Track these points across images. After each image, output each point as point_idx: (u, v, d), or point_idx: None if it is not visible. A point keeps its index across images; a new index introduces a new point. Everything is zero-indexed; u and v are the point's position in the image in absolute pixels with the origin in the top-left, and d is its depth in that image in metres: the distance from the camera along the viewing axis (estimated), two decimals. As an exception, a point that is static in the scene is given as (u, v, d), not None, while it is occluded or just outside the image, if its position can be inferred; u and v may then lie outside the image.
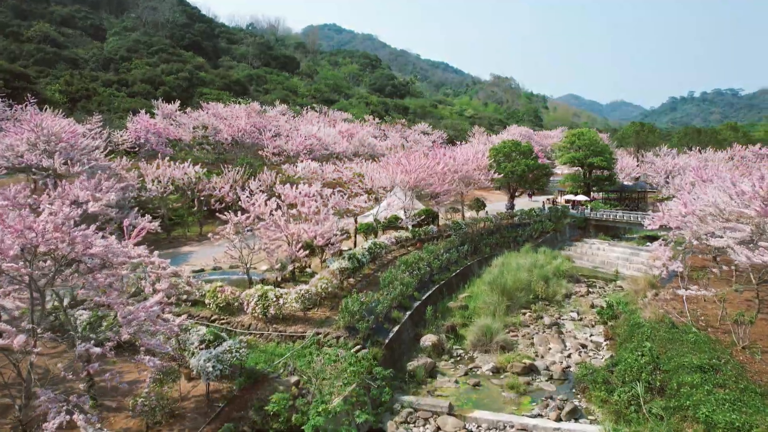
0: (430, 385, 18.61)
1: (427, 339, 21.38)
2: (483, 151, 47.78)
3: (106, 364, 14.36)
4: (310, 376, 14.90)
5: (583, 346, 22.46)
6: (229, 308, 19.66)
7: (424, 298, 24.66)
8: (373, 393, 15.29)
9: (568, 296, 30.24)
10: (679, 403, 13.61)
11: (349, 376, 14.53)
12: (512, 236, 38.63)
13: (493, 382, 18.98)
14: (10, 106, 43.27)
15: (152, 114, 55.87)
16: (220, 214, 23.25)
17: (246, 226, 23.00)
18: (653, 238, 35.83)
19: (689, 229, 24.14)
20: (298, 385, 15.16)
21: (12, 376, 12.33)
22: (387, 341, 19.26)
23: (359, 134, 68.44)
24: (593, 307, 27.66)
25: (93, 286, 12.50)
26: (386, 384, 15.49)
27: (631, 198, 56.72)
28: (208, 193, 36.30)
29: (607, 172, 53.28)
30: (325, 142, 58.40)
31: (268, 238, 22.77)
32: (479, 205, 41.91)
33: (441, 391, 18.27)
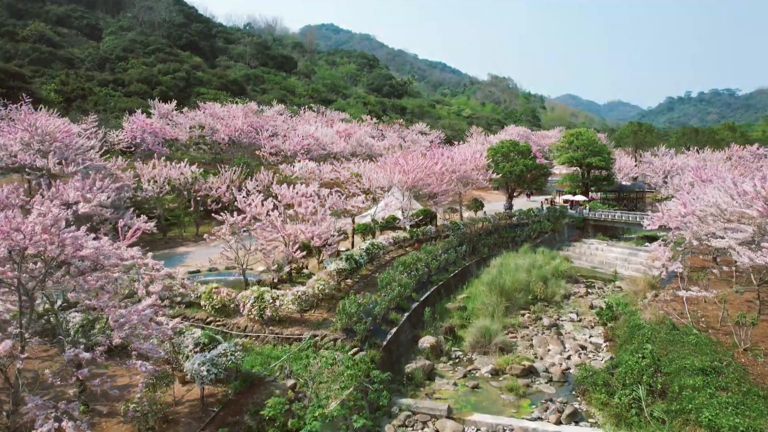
0: (429, 388, 18.39)
1: (426, 341, 21.15)
2: (481, 151, 47.81)
3: (98, 369, 14.09)
4: (307, 380, 14.66)
5: (583, 347, 22.25)
6: (224, 310, 19.41)
7: (422, 299, 24.43)
8: (371, 396, 15.05)
9: (567, 297, 30.02)
10: (682, 407, 13.44)
11: (347, 380, 14.32)
12: (510, 236, 38.48)
13: (492, 384, 18.77)
14: (4, 106, 42.90)
15: (149, 114, 55.51)
16: (217, 214, 23.02)
17: (242, 227, 22.78)
18: (652, 238, 35.71)
19: (689, 230, 23.99)
20: (294, 388, 14.94)
21: (0, 381, 12.05)
22: (385, 343, 19.04)
23: (357, 134, 68.33)
24: (592, 308, 27.45)
25: (84, 289, 12.23)
26: (384, 387, 15.24)
27: (630, 198, 56.62)
28: (205, 194, 36.05)
29: (605, 172, 53.25)
30: (322, 142, 58.20)
31: (265, 239, 22.53)
32: (477, 205, 41.71)
33: (439, 393, 18.04)
